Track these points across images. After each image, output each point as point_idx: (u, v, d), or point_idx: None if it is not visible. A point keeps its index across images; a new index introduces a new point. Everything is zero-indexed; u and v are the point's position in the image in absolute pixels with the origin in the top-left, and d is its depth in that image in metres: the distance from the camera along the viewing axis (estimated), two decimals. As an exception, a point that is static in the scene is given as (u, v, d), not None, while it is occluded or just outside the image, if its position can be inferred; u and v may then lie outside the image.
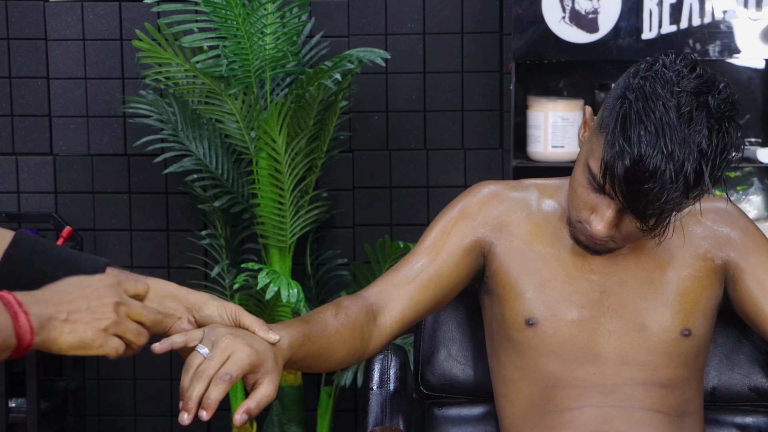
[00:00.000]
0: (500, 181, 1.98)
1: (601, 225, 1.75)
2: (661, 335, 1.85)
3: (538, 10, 3.08)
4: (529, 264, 1.88)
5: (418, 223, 3.42)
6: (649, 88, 1.69)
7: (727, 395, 2.03)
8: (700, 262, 1.89)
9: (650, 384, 1.84)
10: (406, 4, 3.43)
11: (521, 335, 1.87)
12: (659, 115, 1.67)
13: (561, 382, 1.85)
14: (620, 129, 1.68)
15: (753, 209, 3.23)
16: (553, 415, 1.85)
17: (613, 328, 1.85)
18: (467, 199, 1.94)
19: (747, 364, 2.03)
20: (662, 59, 1.73)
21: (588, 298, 1.86)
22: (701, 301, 1.87)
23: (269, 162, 3.10)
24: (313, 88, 2.98)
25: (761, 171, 3.26)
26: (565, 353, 1.85)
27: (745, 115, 3.34)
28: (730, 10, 3.07)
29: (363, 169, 3.50)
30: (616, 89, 1.75)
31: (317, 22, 3.43)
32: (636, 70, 1.74)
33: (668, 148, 1.66)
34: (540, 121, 3.16)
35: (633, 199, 1.69)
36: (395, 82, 3.47)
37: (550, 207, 1.92)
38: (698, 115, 1.68)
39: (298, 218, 3.17)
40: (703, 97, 1.69)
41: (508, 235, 1.90)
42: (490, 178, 3.45)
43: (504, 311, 1.89)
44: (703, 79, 1.71)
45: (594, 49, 3.08)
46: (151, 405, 3.60)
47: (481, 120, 3.47)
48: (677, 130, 1.66)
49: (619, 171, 1.68)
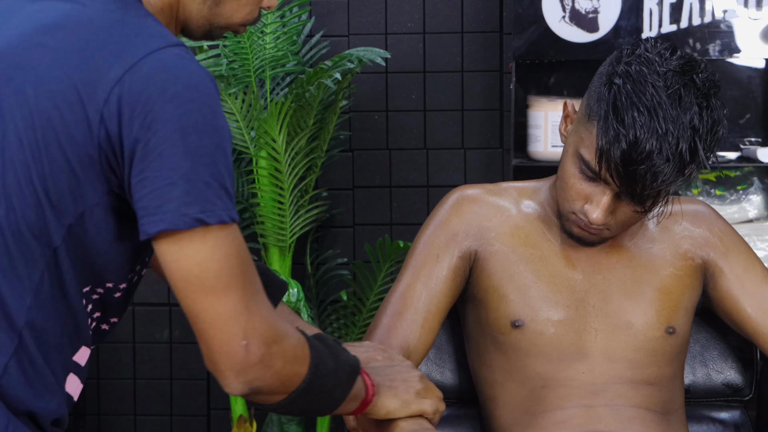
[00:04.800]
0: (478, 184, 1.99)
1: (598, 212, 1.76)
2: (647, 333, 1.86)
3: (539, 9, 3.08)
4: (512, 266, 1.88)
5: (418, 223, 3.40)
6: (635, 71, 1.71)
7: (702, 391, 2.05)
8: (681, 261, 1.90)
9: (638, 382, 1.85)
10: (406, 3, 3.43)
11: (507, 338, 1.87)
12: (650, 96, 1.69)
13: (550, 383, 1.85)
14: (613, 114, 1.70)
15: (753, 209, 3.23)
16: (544, 416, 1.85)
17: (600, 327, 1.86)
18: (447, 212, 1.93)
19: (720, 360, 2.05)
20: (642, 44, 1.76)
21: (573, 297, 1.87)
22: (683, 299, 1.89)
23: (269, 161, 3.10)
24: (313, 88, 2.98)
25: (761, 171, 3.26)
26: (552, 353, 1.85)
27: (745, 114, 3.33)
28: (730, 9, 3.07)
29: (363, 168, 3.50)
30: (600, 78, 1.77)
31: (317, 22, 3.43)
32: (618, 56, 1.76)
33: (662, 128, 1.68)
34: (540, 120, 3.15)
35: (630, 183, 1.71)
36: (395, 81, 3.46)
37: (529, 208, 1.93)
38: (686, 93, 1.71)
39: (298, 218, 3.17)
40: (689, 76, 1.72)
41: (489, 240, 1.90)
42: (491, 177, 3.45)
43: (488, 315, 1.89)
44: (685, 59, 1.74)
45: (594, 48, 3.08)
46: (151, 405, 3.60)
47: (481, 119, 3.47)
48: (669, 109, 1.69)
49: (616, 155, 1.69)
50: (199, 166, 1.29)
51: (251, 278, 1.35)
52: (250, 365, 1.35)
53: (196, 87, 1.31)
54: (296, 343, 1.42)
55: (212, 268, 1.31)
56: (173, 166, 1.28)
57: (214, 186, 1.30)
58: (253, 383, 1.37)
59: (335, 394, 1.50)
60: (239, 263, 1.33)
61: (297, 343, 1.42)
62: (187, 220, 1.29)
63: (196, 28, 1.47)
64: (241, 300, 1.33)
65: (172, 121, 1.29)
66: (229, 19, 1.46)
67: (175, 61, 1.32)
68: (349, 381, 1.51)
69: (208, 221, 1.30)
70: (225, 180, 1.32)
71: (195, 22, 1.46)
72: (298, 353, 1.42)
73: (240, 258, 1.33)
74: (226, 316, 1.33)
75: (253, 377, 1.36)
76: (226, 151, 1.32)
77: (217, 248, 1.31)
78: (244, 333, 1.33)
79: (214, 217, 1.30)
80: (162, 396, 3.58)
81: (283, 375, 1.40)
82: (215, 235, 1.31)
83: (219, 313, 1.33)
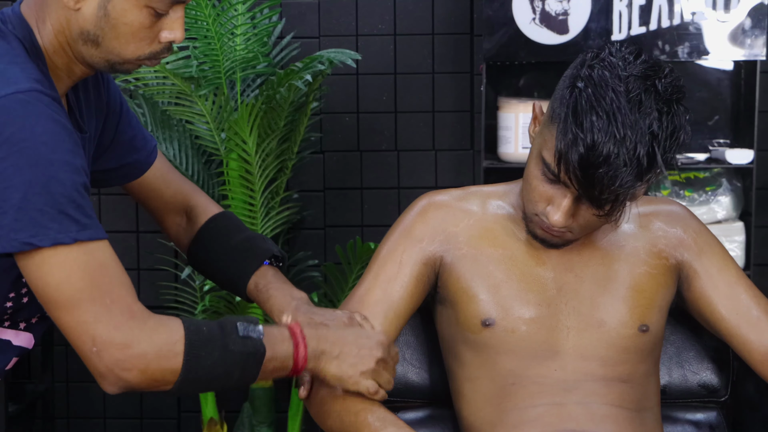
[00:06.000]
0: (443, 190, 1.99)
1: (558, 215, 1.77)
2: (620, 331, 1.86)
3: (509, 11, 3.09)
4: (480, 267, 1.89)
5: (388, 224, 3.40)
6: (597, 75, 1.72)
7: (678, 392, 2.06)
8: (655, 260, 1.91)
9: (610, 379, 1.86)
10: (377, 5, 3.43)
11: (478, 336, 1.87)
12: (609, 100, 1.70)
13: (521, 380, 1.86)
14: (572, 117, 1.71)
15: (722, 210, 3.25)
16: (514, 413, 1.85)
17: (572, 324, 1.87)
18: (413, 219, 1.95)
19: (696, 361, 2.06)
20: (608, 48, 1.77)
21: (545, 295, 1.87)
22: (657, 297, 1.90)
23: (240, 163, 3.09)
24: (284, 89, 2.97)
25: (730, 172, 3.28)
26: (523, 351, 1.86)
27: (714, 116, 3.36)
28: (698, 12, 3.09)
29: (334, 170, 3.49)
30: (564, 80, 1.78)
31: (288, 23, 3.42)
32: (583, 60, 1.77)
33: (620, 133, 1.68)
34: (511, 122, 3.16)
35: (588, 186, 1.72)
36: (366, 83, 3.46)
37: (499, 209, 1.94)
38: (647, 98, 1.71)
39: (268, 219, 3.17)
40: (651, 81, 1.72)
41: (457, 245, 1.91)
42: (461, 178, 3.46)
43: (459, 315, 1.89)
44: (648, 64, 1.75)
45: (564, 50, 3.09)
46: (121, 408, 3.58)
47: (452, 121, 3.47)
48: (628, 114, 1.69)
49: (574, 158, 1.70)
50: (31, 196, 1.45)
51: (106, 290, 1.50)
52: (108, 369, 1.51)
53: (32, 128, 1.46)
54: (163, 343, 1.53)
55: (53, 284, 1.48)
56: (5, 198, 1.45)
57: (49, 213, 1.45)
58: (120, 383, 1.53)
59: (234, 375, 1.60)
60: (86, 278, 1.48)
61: (165, 342, 1.53)
62: (15, 244, 1.46)
63: (99, 66, 1.61)
64: (89, 311, 1.49)
65: (5, 159, 1.44)
66: (120, 56, 1.58)
67: (16, 106, 1.46)
68: (251, 363, 1.60)
69: (39, 244, 1.46)
70: (66, 207, 1.47)
71: (92, 61, 1.60)
72: (165, 352, 1.53)
73: (87, 273, 1.48)
74: (74, 326, 1.50)
75: (117, 379, 1.52)
76: (64, 183, 1.47)
77: (57, 267, 1.47)
78: (93, 341, 1.49)
79: (47, 240, 1.46)
80: (132, 399, 3.57)
81: (150, 373, 1.53)
82: (52, 255, 1.47)
83: (69, 324, 1.50)
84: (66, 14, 1.57)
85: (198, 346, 1.56)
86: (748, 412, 2.04)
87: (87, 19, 1.56)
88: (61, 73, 1.62)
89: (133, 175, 1.88)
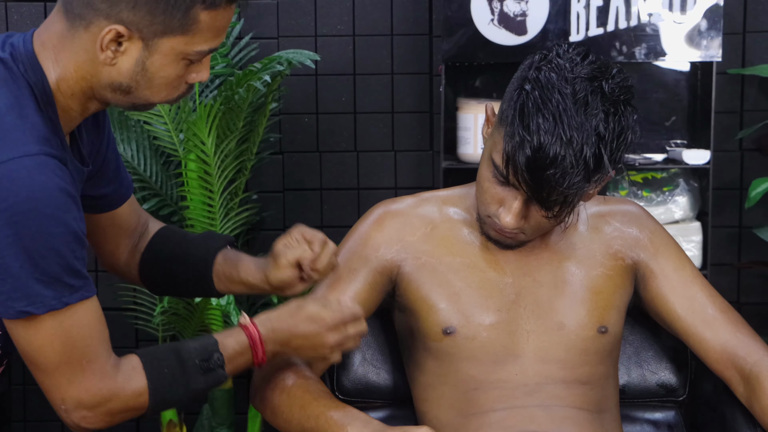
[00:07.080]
0: (399, 198, 1.99)
1: (509, 217, 1.78)
2: (579, 333, 1.87)
3: (467, 12, 3.10)
4: (440, 276, 1.89)
5: (348, 225, 3.40)
6: (544, 77, 1.73)
7: (637, 391, 2.08)
8: (611, 261, 1.92)
9: (570, 382, 1.87)
10: (336, 5, 3.43)
11: (440, 344, 1.87)
12: (555, 102, 1.70)
13: (483, 385, 1.86)
14: (519, 119, 1.71)
15: (679, 210, 3.27)
16: (477, 417, 1.85)
17: (532, 328, 1.87)
18: (369, 227, 1.95)
19: (655, 361, 2.08)
20: (555, 49, 1.78)
21: (504, 300, 1.88)
22: (615, 298, 1.91)
23: (198, 164, 3.08)
24: (243, 90, 2.96)
25: (687, 172, 3.31)
26: (485, 357, 1.86)
27: (671, 117, 3.38)
28: (655, 13, 3.11)
29: (293, 171, 3.49)
30: (513, 83, 1.79)
31: (246, 24, 3.41)
32: (531, 62, 1.78)
33: (567, 135, 1.69)
34: (470, 122, 3.17)
35: (537, 187, 1.72)
36: (325, 83, 3.46)
37: (455, 215, 1.94)
38: (593, 99, 1.72)
39: (227, 221, 3.16)
40: (597, 82, 1.73)
41: (415, 253, 1.91)
42: (421, 179, 3.46)
43: (419, 324, 1.90)
44: (596, 65, 1.75)
45: (523, 51, 3.10)
46: (79, 410, 3.55)
47: (411, 122, 3.47)
48: (574, 116, 1.70)
49: (521, 160, 1.71)
50: (30, 266, 1.49)
51: (84, 351, 1.57)
52: (75, 424, 1.63)
53: (37, 198, 1.48)
54: (129, 397, 1.63)
55: (36, 347, 1.56)
56: (5, 267, 1.49)
57: (45, 281, 1.51)
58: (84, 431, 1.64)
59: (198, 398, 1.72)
60: (68, 341, 1.55)
61: (131, 395, 1.63)
62: (12, 312, 1.53)
63: (121, 107, 1.63)
64: (65, 375, 1.57)
65: (7, 227, 1.47)
66: (149, 101, 1.60)
67: (22, 173, 1.48)
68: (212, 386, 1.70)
69: (35, 312, 1.52)
70: (62, 275, 1.52)
71: (116, 104, 1.62)
72: (131, 405, 1.64)
73: (70, 336, 1.55)
74: (48, 386, 1.60)
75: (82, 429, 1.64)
76: (64, 254, 1.51)
77: (43, 332, 1.54)
78: (62, 400, 1.60)
79: (42, 308, 1.52)
80: (90, 401, 3.54)
81: (117, 421, 1.65)
82: (42, 320, 1.53)
83: (44, 383, 1.60)
84: (95, 65, 1.56)
85: (162, 391, 1.65)
86: (706, 411, 2.06)
87: (122, 72, 1.56)
88: (74, 114, 1.61)
89: (110, 206, 1.86)
